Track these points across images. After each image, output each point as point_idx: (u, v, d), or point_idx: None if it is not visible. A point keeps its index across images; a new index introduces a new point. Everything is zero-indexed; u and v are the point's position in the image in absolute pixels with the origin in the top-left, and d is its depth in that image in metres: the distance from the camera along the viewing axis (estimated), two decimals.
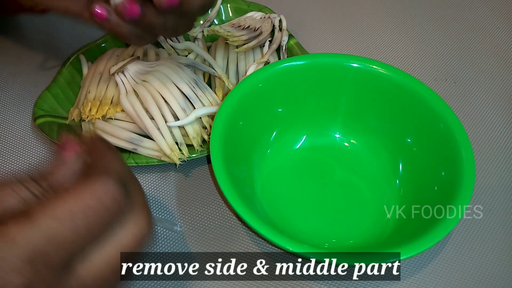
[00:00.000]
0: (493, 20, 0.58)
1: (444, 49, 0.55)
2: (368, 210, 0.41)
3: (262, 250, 0.39)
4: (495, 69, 0.53)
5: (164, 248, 0.39)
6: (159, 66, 0.43)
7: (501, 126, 0.48)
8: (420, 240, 0.33)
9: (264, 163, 0.43)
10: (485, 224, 0.41)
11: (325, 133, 0.45)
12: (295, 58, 0.43)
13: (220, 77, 0.45)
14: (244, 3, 0.53)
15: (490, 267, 0.38)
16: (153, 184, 0.43)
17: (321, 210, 0.41)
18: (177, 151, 0.41)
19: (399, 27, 0.57)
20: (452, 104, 0.49)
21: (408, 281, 0.38)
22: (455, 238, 0.40)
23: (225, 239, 0.40)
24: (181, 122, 0.41)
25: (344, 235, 0.40)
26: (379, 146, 0.43)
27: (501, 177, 0.44)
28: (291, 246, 0.33)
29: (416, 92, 0.41)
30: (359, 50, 0.55)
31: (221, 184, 0.35)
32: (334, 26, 0.57)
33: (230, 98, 0.41)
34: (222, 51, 0.48)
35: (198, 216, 0.41)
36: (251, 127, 0.42)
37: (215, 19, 0.53)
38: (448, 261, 0.39)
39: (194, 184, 0.43)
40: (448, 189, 0.36)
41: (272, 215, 0.40)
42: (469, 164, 0.36)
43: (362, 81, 0.43)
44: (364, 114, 0.44)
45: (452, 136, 0.38)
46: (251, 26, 0.48)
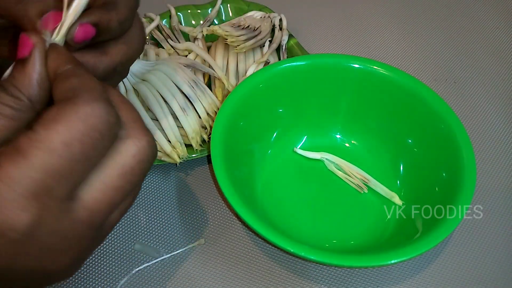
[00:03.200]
0: (493, 20, 0.58)
1: (444, 49, 0.55)
2: (369, 211, 0.41)
3: (262, 250, 0.39)
4: (495, 69, 0.53)
5: (163, 249, 0.39)
6: (159, 66, 0.43)
7: (501, 126, 0.48)
8: (421, 242, 0.33)
9: (265, 164, 0.43)
10: (485, 224, 0.41)
11: (326, 133, 0.45)
12: (295, 59, 0.43)
13: (220, 78, 0.45)
14: (244, 3, 0.53)
15: (490, 267, 0.38)
16: (153, 184, 0.43)
17: (321, 210, 0.41)
18: (180, 148, 0.41)
19: (400, 27, 0.57)
20: (452, 104, 0.49)
21: (409, 281, 0.38)
22: (455, 238, 0.40)
23: (225, 239, 0.40)
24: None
25: (344, 236, 0.40)
26: (380, 147, 0.43)
27: (501, 177, 0.44)
28: (291, 247, 0.33)
29: (417, 92, 0.41)
30: (359, 51, 0.54)
31: (221, 184, 0.35)
32: (334, 26, 0.57)
33: (231, 98, 0.40)
34: (222, 51, 0.48)
35: (198, 216, 0.41)
36: (252, 127, 0.42)
37: (215, 19, 0.53)
38: (448, 261, 0.39)
39: (194, 184, 0.43)
40: (449, 189, 0.36)
41: (272, 215, 0.40)
42: (470, 165, 0.36)
43: (363, 82, 0.43)
44: (364, 114, 0.44)
45: (453, 136, 0.38)
46: (251, 26, 0.48)
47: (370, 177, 0.42)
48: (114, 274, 0.38)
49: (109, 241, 0.40)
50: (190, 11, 0.53)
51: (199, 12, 0.53)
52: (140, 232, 0.40)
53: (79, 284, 0.37)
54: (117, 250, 0.39)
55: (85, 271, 0.38)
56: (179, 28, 0.52)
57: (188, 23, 0.53)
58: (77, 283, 0.37)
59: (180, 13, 0.53)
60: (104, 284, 0.37)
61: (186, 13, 0.53)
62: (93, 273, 0.38)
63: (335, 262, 0.33)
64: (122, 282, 0.37)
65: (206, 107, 0.43)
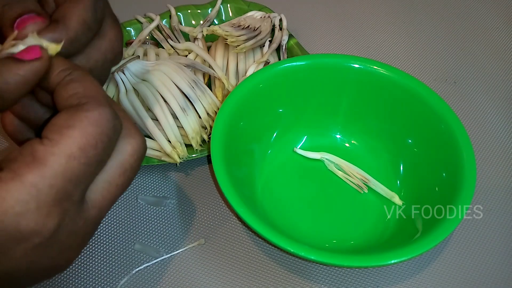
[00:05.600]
0: (493, 20, 0.58)
1: (444, 49, 0.55)
2: (369, 211, 0.41)
3: (262, 250, 0.39)
4: (495, 69, 0.53)
5: (163, 249, 0.39)
6: (159, 66, 0.43)
7: (501, 126, 0.48)
8: (421, 242, 0.33)
9: (265, 164, 0.43)
10: (485, 224, 0.41)
11: (326, 133, 0.45)
12: (295, 59, 0.43)
13: (220, 78, 0.45)
14: (244, 3, 0.53)
15: (490, 267, 0.38)
16: (153, 184, 0.43)
17: (321, 210, 0.41)
18: (180, 148, 0.41)
19: (400, 27, 0.57)
20: (452, 104, 0.49)
21: (409, 281, 0.38)
22: (455, 238, 0.40)
23: (225, 239, 0.40)
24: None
25: (344, 236, 0.40)
26: (380, 147, 0.43)
27: (501, 177, 0.44)
28: (291, 247, 0.33)
29: (417, 92, 0.41)
30: (359, 51, 0.54)
31: (221, 184, 0.35)
32: (334, 26, 0.57)
33: (231, 98, 0.40)
34: (222, 51, 0.48)
35: (198, 216, 0.41)
36: (252, 127, 0.42)
37: (215, 19, 0.53)
38: (448, 261, 0.39)
39: (194, 184, 0.43)
40: (449, 189, 0.36)
41: (272, 215, 0.40)
42: (470, 165, 0.36)
43: (363, 82, 0.43)
44: (364, 114, 0.44)
45: (453, 136, 0.38)
46: (251, 26, 0.48)
47: (370, 177, 0.42)
48: (114, 274, 0.38)
49: (109, 241, 0.40)
50: (190, 11, 0.53)
51: (199, 12, 0.53)
52: (140, 232, 0.40)
53: (79, 284, 0.37)
54: (117, 250, 0.39)
55: (85, 271, 0.38)
56: (179, 28, 0.52)
57: (188, 23, 0.53)
58: (77, 283, 0.37)
59: (180, 13, 0.53)
60: (104, 284, 0.37)
61: (186, 13, 0.53)
62: (93, 273, 0.38)
63: (335, 262, 0.33)
64: (122, 282, 0.37)
65: (206, 107, 0.43)
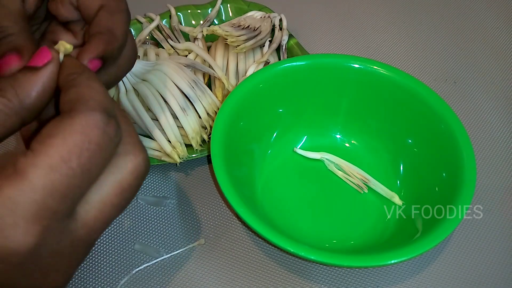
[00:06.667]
0: (493, 20, 0.58)
1: (444, 49, 0.55)
2: (369, 211, 0.41)
3: (262, 250, 0.39)
4: (495, 69, 0.53)
5: (163, 249, 0.39)
6: (159, 66, 0.43)
7: (501, 126, 0.48)
8: (421, 242, 0.33)
9: (265, 164, 0.43)
10: (485, 224, 0.41)
11: (326, 133, 0.45)
12: (296, 59, 0.43)
13: (220, 78, 0.45)
14: (244, 3, 0.53)
15: (490, 267, 0.38)
16: (153, 184, 0.43)
17: (321, 210, 0.41)
18: (180, 148, 0.41)
19: (400, 27, 0.57)
20: (452, 104, 0.49)
21: (409, 282, 0.38)
22: (455, 238, 0.40)
23: (225, 239, 0.40)
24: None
25: (344, 236, 0.40)
26: (380, 147, 0.43)
27: (501, 177, 0.44)
28: (291, 247, 0.33)
29: (417, 92, 0.41)
30: (359, 51, 0.54)
31: (221, 184, 0.35)
32: (334, 26, 0.57)
33: (231, 98, 0.40)
34: (222, 51, 0.48)
35: (198, 216, 0.41)
36: (252, 127, 0.42)
37: (215, 19, 0.53)
38: (448, 261, 0.39)
39: (194, 184, 0.43)
40: (449, 189, 0.36)
41: (272, 215, 0.40)
42: (470, 165, 0.36)
43: (363, 82, 0.43)
44: (364, 114, 0.44)
45: (453, 136, 0.38)
46: (251, 26, 0.48)
47: (370, 177, 0.42)
48: (114, 274, 0.38)
49: (109, 241, 0.40)
50: (190, 11, 0.53)
51: (199, 12, 0.53)
52: (140, 232, 0.40)
53: (79, 284, 0.37)
54: (117, 250, 0.39)
55: (85, 271, 0.38)
56: (179, 28, 0.52)
57: (188, 23, 0.53)
58: (77, 283, 0.37)
59: (180, 13, 0.53)
60: (104, 284, 0.37)
61: (186, 13, 0.53)
62: (93, 273, 0.38)
63: (335, 262, 0.33)
64: (122, 282, 0.37)
65: (206, 107, 0.43)
